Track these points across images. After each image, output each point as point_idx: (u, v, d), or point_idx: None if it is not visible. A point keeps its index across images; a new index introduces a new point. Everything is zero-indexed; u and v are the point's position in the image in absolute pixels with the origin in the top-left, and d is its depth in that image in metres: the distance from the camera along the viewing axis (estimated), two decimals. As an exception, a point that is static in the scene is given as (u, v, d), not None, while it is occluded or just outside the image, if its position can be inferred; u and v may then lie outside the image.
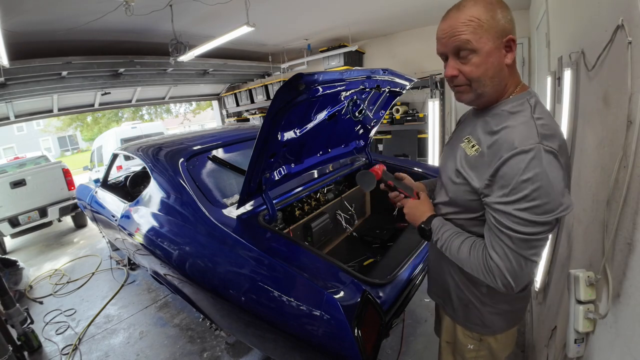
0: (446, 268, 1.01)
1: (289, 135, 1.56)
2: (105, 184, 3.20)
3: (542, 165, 0.68)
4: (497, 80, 0.78)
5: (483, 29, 0.74)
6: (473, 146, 0.82)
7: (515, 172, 0.70)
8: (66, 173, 4.98)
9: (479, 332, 0.99)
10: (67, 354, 2.35)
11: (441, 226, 0.92)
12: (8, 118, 5.20)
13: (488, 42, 0.74)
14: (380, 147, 5.12)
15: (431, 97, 4.21)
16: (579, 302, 0.84)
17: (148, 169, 2.11)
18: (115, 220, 2.43)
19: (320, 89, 1.31)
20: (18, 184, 4.51)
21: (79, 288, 3.38)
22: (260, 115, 7.00)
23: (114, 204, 2.65)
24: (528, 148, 0.69)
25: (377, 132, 4.70)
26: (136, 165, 4.93)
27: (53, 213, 4.86)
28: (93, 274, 3.66)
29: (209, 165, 2.07)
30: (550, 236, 0.80)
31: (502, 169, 0.72)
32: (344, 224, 2.43)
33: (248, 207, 1.67)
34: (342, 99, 1.72)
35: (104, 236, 3.66)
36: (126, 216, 2.26)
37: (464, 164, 0.84)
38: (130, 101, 6.64)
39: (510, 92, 0.81)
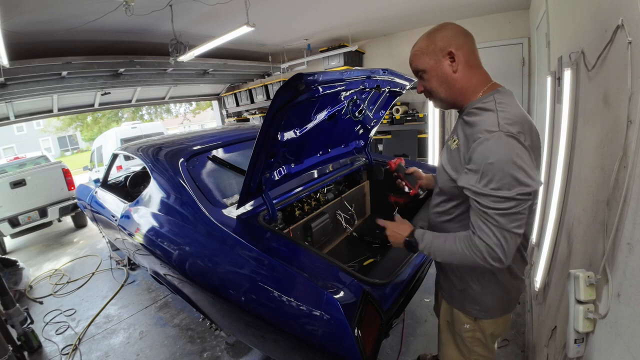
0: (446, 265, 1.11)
1: (288, 135, 1.56)
2: (105, 184, 3.20)
3: (503, 148, 0.80)
4: (446, 86, 0.97)
5: (425, 53, 0.97)
6: (455, 141, 0.99)
7: (482, 158, 0.82)
8: (66, 173, 4.98)
9: (475, 315, 1.09)
10: (67, 354, 2.35)
11: (423, 234, 1.04)
12: (8, 118, 5.20)
13: (430, 60, 0.96)
14: (380, 147, 5.12)
15: (431, 97, 4.20)
16: (579, 302, 0.84)
17: (148, 169, 2.11)
18: (115, 220, 2.43)
19: (320, 89, 1.31)
20: (18, 184, 4.51)
21: (79, 288, 3.38)
22: (260, 115, 6.99)
23: (114, 204, 2.64)
24: (489, 135, 0.82)
25: (377, 132, 4.71)
26: (136, 165, 4.93)
27: (53, 213, 4.86)
28: (93, 274, 3.66)
29: (209, 165, 2.07)
30: (529, 209, 0.88)
31: (472, 157, 0.85)
32: (344, 224, 2.43)
33: (248, 207, 1.67)
34: (342, 99, 1.72)
35: (104, 236, 3.66)
36: (126, 216, 2.26)
37: (448, 158, 1.00)
38: (130, 101, 6.63)
39: (478, 92, 0.95)
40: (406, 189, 1.42)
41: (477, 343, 1.13)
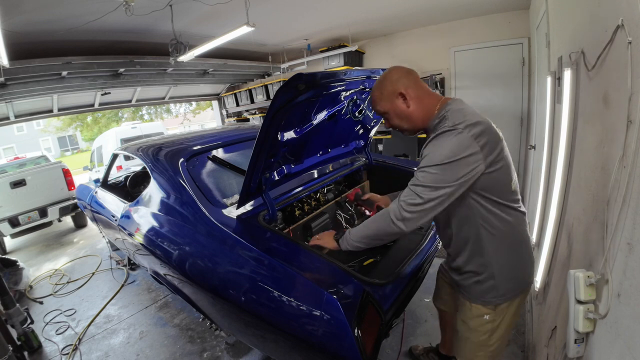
0: (457, 251, 1.20)
1: (289, 135, 1.56)
2: (105, 184, 3.20)
3: (444, 139, 1.00)
4: (406, 119, 1.15)
5: (381, 99, 1.16)
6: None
7: (428, 152, 1.03)
8: (66, 173, 4.99)
9: (495, 302, 1.15)
10: (67, 354, 2.35)
11: (343, 233, 1.29)
12: (8, 118, 5.20)
13: (387, 104, 1.15)
14: (380, 147, 5.12)
15: (431, 97, 4.20)
16: (579, 302, 0.84)
17: (148, 169, 2.11)
18: (115, 220, 2.43)
19: (320, 89, 1.31)
20: (18, 184, 4.51)
21: (79, 288, 3.38)
22: (260, 115, 6.99)
23: (114, 204, 2.64)
24: (438, 134, 1.02)
25: (377, 132, 4.70)
26: (136, 165, 4.93)
27: (53, 213, 4.86)
28: (93, 274, 3.66)
29: (209, 165, 2.07)
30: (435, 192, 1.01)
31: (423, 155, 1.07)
32: (344, 224, 2.43)
33: (248, 207, 1.67)
34: (342, 99, 1.72)
35: (104, 236, 3.66)
36: (126, 216, 2.26)
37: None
38: (130, 101, 6.63)
39: (433, 111, 1.12)
40: (367, 212, 1.87)
41: (495, 336, 1.20)
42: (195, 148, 2.12)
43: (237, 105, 7.36)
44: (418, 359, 1.89)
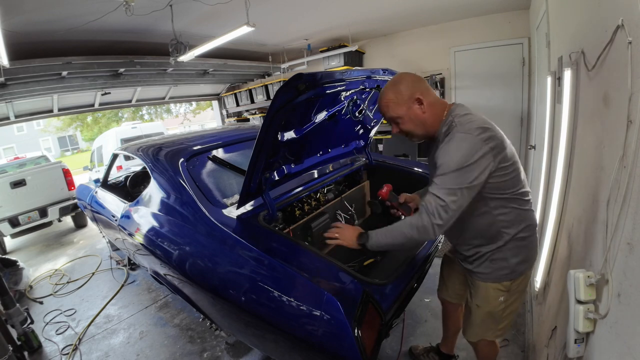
0: (472, 242, 1.27)
1: (289, 135, 1.56)
2: (105, 184, 3.20)
3: (457, 142, 1.05)
4: (421, 125, 1.18)
5: (394, 103, 1.16)
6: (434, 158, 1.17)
7: (443, 153, 1.07)
8: (66, 173, 4.98)
9: (509, 279, 1.24)
10: (67, 354, 2.35)
11: (370, 232, 1.23)
12: (8, 118, 5.20)
13: (402, 109, 1.15)
14: (380, 147, 5.12)
15: (431, 97, 4.20)
16: (579, 302, 0.84)
17: (148, 169, 2.11)
18: (116, 220, 2.43)
19: (321, 89, 1.31)
20: (18, 184, 4.51)
21: (79, 288, 3.38)
22: (260, 115, 6.99)
23: (114, 204, 2.64)
24: (449, 139, 1.07)
25: (377, 132, 4.70)
26: (136, 165, 4.93)
27: (53, 213, 4.85)
28: (93, 274, 3.66)
29: (209, 165, 2.07)
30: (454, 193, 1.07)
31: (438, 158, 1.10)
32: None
33: (248, 207, 1.67)
34: (342, 99, 1.72)
35: (104, 236, 3.66)
36: (126, 216, 2.26)
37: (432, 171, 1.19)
38: (130, 101, 6.63)
39: (442, 118, 1.17)
40: (399, 214, 1.57)
41: (508, 310, 1.30)
42: (195, 148, 2.12)
43: (237, 105, 7.36)
44: (418, 359, 1.90)
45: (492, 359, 1.49)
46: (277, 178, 1.76)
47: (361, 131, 2.40)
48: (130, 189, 3.32)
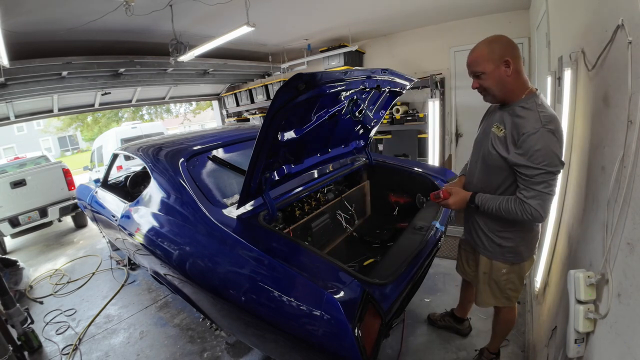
0: (483, 227, 1.45)
1: (289, 135, 1.56)
2: (105, 184, 3.20)
3: (545, 140, 1.13)
4: (501, 87, 1.24)
5: (485, 59, 1.23)
6: (501, 130, 1.28)
7: (531, 146, 1.15)
8: (66, 173, 4.98)
9: (512, 261, 1.42)
10: (67, 354, 2.35)
11: (482, 196, 1.35)
12: (8, 118, 5.19)
13: (489, 66, 1.22)
14: (381, 147, 5.12)
15: (431, 97, 4.20)
16: (579, 302, 0.84)
17: (148, 169, 2.11)
18: (116, 220, 2.43)
19: (321, 89, 1.31)
20: (18, 184, 4.51)
21: (79, 288, 3.38)
22: (260, 115, 6.99)
23: (114, 204, 2.65)
24: (535, 130, 1.14)
25: (377, 132, 4.71)
26: (136, 165, 4.93)
27: (53, 213, 4.85)
28: (93, 274, 3.66)
29: (209, 165, 2.07)
30: (557, 183, 1.20)
31: (523, 146, 1.17)
32: (344, 224, 2.43)
33: (248, 207, 1.67)
34: (343, 98, 1.72)
35: (104, 236, 3.66)
36: (126, 216, 2.26)
37: (496, 142, 1.29)
38: (130, 101, 6.62)
39: (521, 94, 1.23)
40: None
41: (510, 284, 1.48)
42: (195, 148, 2.12)
43: (237, 105, 7.35)
44: (435, 323, 2.13)
45: (510, 324, 1.66)
46: (277, 178, 1.76)
47: (361, 131, 2.40)
48: (130, 189, 3.32)
